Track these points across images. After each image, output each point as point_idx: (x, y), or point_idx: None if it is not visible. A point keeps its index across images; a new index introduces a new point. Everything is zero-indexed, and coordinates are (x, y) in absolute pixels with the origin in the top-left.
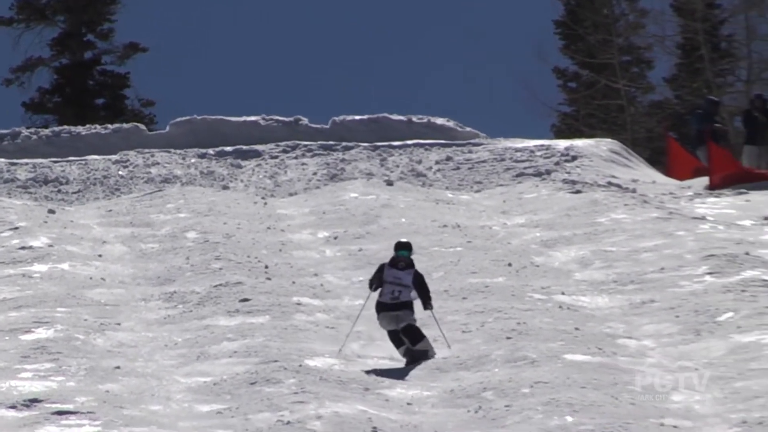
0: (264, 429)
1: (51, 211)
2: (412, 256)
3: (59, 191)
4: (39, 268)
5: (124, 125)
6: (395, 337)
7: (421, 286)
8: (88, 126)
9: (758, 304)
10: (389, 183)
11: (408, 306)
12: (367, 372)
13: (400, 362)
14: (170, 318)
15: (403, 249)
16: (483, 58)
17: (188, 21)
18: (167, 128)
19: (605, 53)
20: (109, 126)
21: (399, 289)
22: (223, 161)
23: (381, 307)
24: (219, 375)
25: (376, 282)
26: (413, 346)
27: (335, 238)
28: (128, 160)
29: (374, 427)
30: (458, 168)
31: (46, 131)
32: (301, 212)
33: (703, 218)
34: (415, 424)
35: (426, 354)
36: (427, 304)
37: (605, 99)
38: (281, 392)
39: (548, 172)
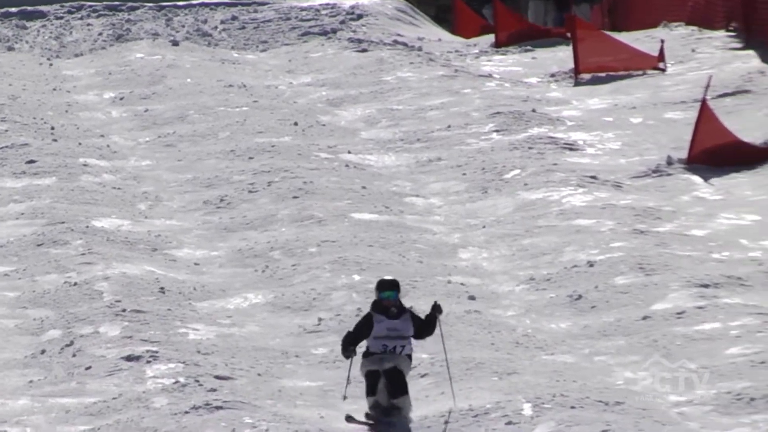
0: (51, 291)
1: None
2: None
3: None
4: None
5: None
6: (372, 381)
7: (421, 323)
8: None
9: (545, 161)
10: (175, 43)
11: (407, 356)
12: (155, 233)
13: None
14: None
15: (389, 289)
16: None
17: None
18: None
19: None
20: None
21: (401, 344)
22: (7, 22)
23: (370, 354)
24: (5, 237)
25: (352, 345)
26: (392, 398)
27: (121, 98)
28: None
29: (162, 287)
30: (244, 27)
31: None
32: (87, 73)
33: (489, 76)
34: (203, 284)
35: (401, 411)
36: (435, 315)
37: None
38: (68, 253)
39: (334, 31)
